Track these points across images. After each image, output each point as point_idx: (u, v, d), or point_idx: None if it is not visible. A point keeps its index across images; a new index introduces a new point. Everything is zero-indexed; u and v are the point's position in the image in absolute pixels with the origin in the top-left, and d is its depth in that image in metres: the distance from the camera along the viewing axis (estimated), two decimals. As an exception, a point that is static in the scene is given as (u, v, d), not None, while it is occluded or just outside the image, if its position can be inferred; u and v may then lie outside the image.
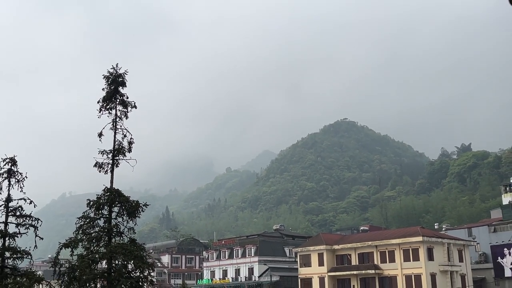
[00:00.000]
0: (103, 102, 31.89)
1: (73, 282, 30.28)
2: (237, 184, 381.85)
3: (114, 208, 31.67)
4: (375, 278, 76.05)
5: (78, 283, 30.35)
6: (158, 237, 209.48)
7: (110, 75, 32.12)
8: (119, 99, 32.03)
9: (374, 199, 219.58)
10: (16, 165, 30.23)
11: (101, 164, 31.47)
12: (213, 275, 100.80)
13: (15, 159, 30.31)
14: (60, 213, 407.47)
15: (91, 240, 31.21)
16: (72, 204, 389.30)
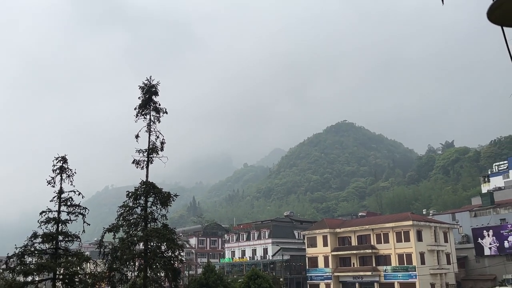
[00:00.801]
0: (139, 109, 32.16)
1: (115, 261, 30.56)
2: (252, 177, 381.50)
3: (149, 198, 31.92)
4: (372, 256, 75.76)
5: (119, 261, 30.63)
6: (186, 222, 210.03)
7: (145, 86, 32.37)
8: (153, 106, 32.27)
9: (370, 189, 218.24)
10: (67, 163, 30.48)
11: (138, 161, 31.75)
12: (233, 254, 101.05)
13: (66, 158, 30.60)
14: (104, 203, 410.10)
15: (130, 226, 31.48)
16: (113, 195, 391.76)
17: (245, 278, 40.81)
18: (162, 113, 32.55)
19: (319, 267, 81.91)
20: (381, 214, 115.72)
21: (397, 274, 72.19)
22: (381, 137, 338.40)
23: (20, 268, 28.80)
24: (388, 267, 73.37)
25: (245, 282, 39.06)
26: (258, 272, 40.58)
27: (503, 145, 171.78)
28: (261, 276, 39.64)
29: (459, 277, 77.40)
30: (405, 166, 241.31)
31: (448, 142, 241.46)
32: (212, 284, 33.88)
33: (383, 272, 73.84)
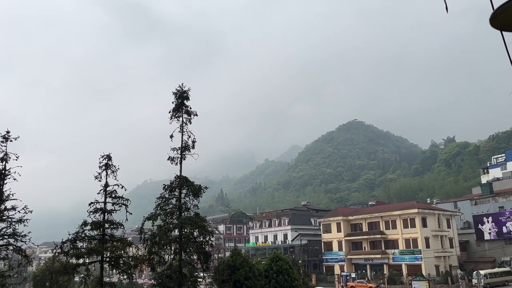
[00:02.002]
0: (173, 112, 32.41)
1: (154, 245, 30.90)
2: (273, 171, 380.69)
3: (183, 190, 32.14)
4: (381, 241, 75.02)
5: (157, 246, 30.96)
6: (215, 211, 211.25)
7: (177, 91, 32.62)
8: (185, 109, 32.47)
9: (379, 181, 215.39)
10: (111, 160, 30.87)
11: (173, 158, 31.99)
12: (257, 239, 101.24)
13: (110, 156, 31.01)
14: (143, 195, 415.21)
15: (167, 214, 31.77)
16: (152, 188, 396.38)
17: (267, 260, 40.74)
18: (193, 116, 32.73)
19: (333, 250, 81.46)
20: (389, 203, 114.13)
21: (404, 257, 71.28)
22: (388, 134, 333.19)
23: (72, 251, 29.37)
24: (396, 250, 72.49)
25: (267, 264, 39.00)
26: (279, 255, 40.44)
27: (501, 139, 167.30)
28: (282, 258, 39.50)
29: (461, 260, 75.98)
30: (411, 159, 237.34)
31: (449, 138, 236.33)
32: (239, 265, 33.94)
33: (391, 255, 73.01)
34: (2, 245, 25.44)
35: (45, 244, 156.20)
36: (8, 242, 25.54)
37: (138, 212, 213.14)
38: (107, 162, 30.54)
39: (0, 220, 25.14)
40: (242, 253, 37.50)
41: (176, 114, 32.32)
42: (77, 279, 53.36)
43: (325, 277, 79.30)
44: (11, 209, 25.28)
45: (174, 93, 32.56)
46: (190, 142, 31.98)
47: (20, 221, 25.43)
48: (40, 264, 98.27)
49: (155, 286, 32.29)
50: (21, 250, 26.03)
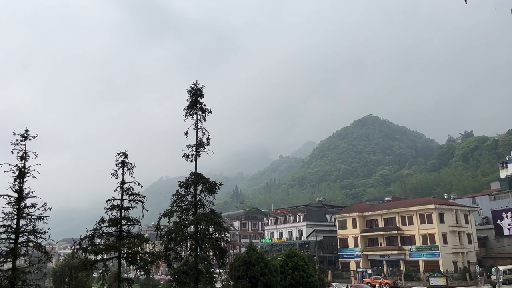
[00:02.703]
0: (187, 109, 32.57)
1: (170, 242, 31.19)
2: (287, 167, 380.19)
3: (198, 187, 32.33)
4: (397, 237, 74.42)
5: (174, 242, 31.25)
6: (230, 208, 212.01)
7: (192, 89, 32.77)
8: (199, 107, 32.61)
9: (395, 176, 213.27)
10: (127, 157, 31.15)
11: (188, 155, 32.20)
12: (272, 235, 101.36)
13: (126, 153, 31.31)
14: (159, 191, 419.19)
15: (182, 211, 32.01)
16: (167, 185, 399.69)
17: (283, 256, 40.77)
18: (207, 113, 32.84)
19: (349, 246, 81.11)
20: (406, 198, 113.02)
21: (421, 253, 70.59)
22: (404, 129, 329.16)
23: (91, 248, 29.84)
24: (413, 246, 71.83)
25: (283, 260, 39.03)
26: (294, 251, 40.43)
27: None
28: (297, 254, 39.47)
29: (480, 256, 74.90)
30: (427, 155, 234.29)
31: (467, 132, 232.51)
32: (254, 261, 34.04)
33: (408, 251, 72.38)
34: (23, 242, 25.98)
35: (64, 240, 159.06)
36: (28, 238, 26.07)
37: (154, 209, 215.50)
38: (123, 159, 30.89)
39: (21, 217, 25.65)
40: (258, 249, 37.60)
41: (190, 111, 32.48)
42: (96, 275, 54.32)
43: (340, 273, 79.03)
44: (31, 206, 25.78)
45: (189, 91, 32.72)
46: (204, 139, 32.13)
47: (39, 218, 25.92)
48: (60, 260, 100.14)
49: (171, 282, 32.64)
50: (41, 246, 26.54)
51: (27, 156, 26.13)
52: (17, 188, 25.74)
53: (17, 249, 25.45)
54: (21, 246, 25.89)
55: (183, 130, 31.84)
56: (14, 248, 25.35)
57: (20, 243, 25.79)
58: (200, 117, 32.47)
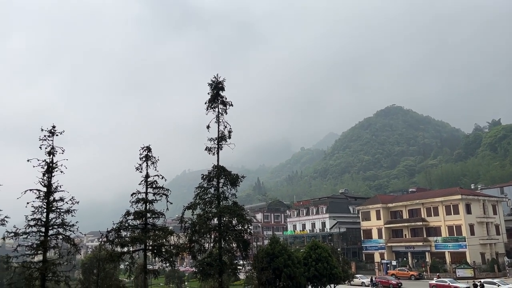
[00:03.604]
0: (208, 103, 32.76)
1: (194, 234, 31.60)
2: (309, 159, 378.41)
3: (220, 180, 32.57)
4: (422, 228, 73.42)
5: (198, 234, 31.65)
6: (253, 200, 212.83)
7: (213, 82, 32.93)
8: (220, 100, 32.74)
9: (419, 167, 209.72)
10: (151, 151, 31.62)
11: (210, 148, 32.44)
12: (295, 228, 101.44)
13: (150, 147, 31.78)
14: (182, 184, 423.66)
15: (206, 203, 32.35)
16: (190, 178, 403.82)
17: (306, 248, 40.78)
18: (229, 106, 32.94)
19: (373, 238, 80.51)
20: (431, 189, 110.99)
21: (447, 244, 69.47)
22: (429, 119, 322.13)
23: (117, 240, 30.53)
24: (439, 238, 70.74)
25: (306, 252, 39.04)
26: (317, 243, 40.37)
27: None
28: (320, 246, 39.41)
29: (509, 247, 73.10)
30: (453, 144, 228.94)
31: (494, 121, 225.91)
32: (277, 253, 34.16)
33: (433, 242, 71.35)
34: (52, 235, 26.76)
35: (91, 233, 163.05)
36: (57, 231, 26.84)
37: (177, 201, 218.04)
38: (147, 153, 31.39)
39: (50, 211, 26.41)
40: (281, 241, 37.70)
41: (212, 105, 32.65)
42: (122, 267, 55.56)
43: (364, 265, 78.56)
44: (59, 200, 26.49)
45: (210, 84, 32.87)
46: (226, 132, 32.29)
47: (68, 211, 26.63)
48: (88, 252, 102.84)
49: (196, 273, 33.13)
50: (70, 239, 27.29)
51: (55, 151, 26.81)
52: (45, 182, 26.48)
53: (47, 242, 26.25)
54: (51, 239, 26.69)
55: (205, 124, 32.09)
56: (45, 240, 26.16)
57: (50, 236, 26.58)
58: (221, 110, 32.62)
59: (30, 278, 25.37)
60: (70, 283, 27.58)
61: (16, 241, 26.53)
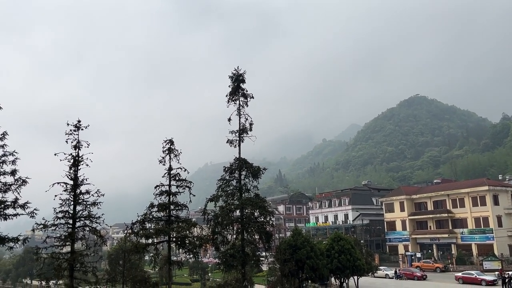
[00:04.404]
0: (229, 96, 32.79)
1: (217, 225, 31.88)
2: (331, 151, 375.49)
3: (242, 172, 32.69)
4: (448, 220, 72.16)
5: (220, 226, 31.92)
6: (274, 192, 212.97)
7: (233, 75, 32.92)
8: (241, 92, 32.72)
9: (444, 158, 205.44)
10: (174, 144, 31.90)
11: (231, 141, 32.54)
12: (317, 220, 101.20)
13: (173, 140, 32.07)
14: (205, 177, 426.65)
15: (228, 196, 32.55)
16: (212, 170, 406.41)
17: (329, 240, 40.65)
18: (249, 98, 32.89)
19: (397, 230, 79.65)
20: (456, 180, 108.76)
21: (474, 236, 68.13)
22: (454, 108, 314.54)
23: (142, 232, 31.09)
24: (465, 229, 69.42)
25: (329, 244, 38.93)
26: (340, 235, 40.20)
27: None
28: (343, 238, 39.23)
29: (538, 239, 71.04)
30: (479, 134, 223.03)
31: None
32: (300, 245, 34.17)
33: (459, 234, 70.09)
34: (80, 226, 27.44)
35: (117, 225, 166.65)
36: (84, 223, 27.49)
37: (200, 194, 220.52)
38: (170, 146, 31.71)
39: (77, 203, 27.05)
40: (303, 233, 37.67)
41: (233, 97, 32.67)
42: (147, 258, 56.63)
43: (388, 257, 77.83)
44: (85, 193, 27.08)
45: (230, 77, 32.88)
46: (247, 124, 32.29)
47: (94, 204, 27.21)
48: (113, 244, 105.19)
49: (219, 265, 33.46)
50: (96, 230, 27.93)
51: (80, 145, 27.38)
52: (72, 175, 27.10)
53: (74, 233, 26.94)
54: (78, 231, 27.37)
55: (226, 116, 32.18)
56: (72, 232, 26.85)
57: (77, 227, 27.26)
58: (242, 103, 32.60)
59: (59, 269, 26.13)
60: (97, 273, 28.28)
61: (45, 233, 27.35)
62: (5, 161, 24.05)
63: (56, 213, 26.53)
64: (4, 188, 24.03)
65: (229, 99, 32.67)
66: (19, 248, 32.14)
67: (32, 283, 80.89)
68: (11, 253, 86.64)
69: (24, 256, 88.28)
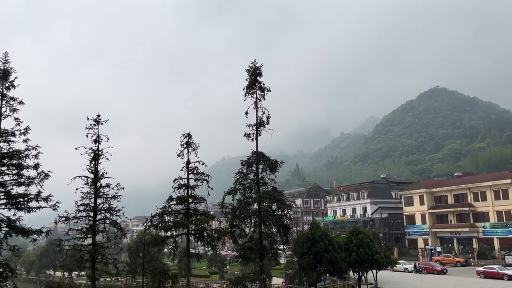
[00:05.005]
0: (246, 89, 32.77)
1: (235, 218, 32.06)
2: (349, 144, 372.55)
3: (259, 166, 32.72)
4: (469, 214, 70.97)
5: (238, 219, 32.08)
6: (292, 186, 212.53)
7: (250, 68, 32.87)
8: (258, 86, 32.66)
9: (465, 151, 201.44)
10: (191, 138, 32.16)
11: (248, 134, 32.57)
12: (335, 213, 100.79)
13: (190, 134, 32.32)
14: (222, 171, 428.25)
15: (245, 189, 32.65)
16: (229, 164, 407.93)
17: (347, 233, 40.46)
18: (267, 92, 32.79)
19: (416, 223, 78.76)
20: (477, 173, 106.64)
21: (496, 230, 66.87)
22: (476, 100, 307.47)
23: (161, 225, 31.55)
24: (487, 223, 68.18)
25: (347, 237, 38.75)
26: (359, 228, 39.95)
27: None
28: (362, 232, 38.98)
29: None
30: (502, 126, 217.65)
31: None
32: (318, 238, 34.11)
33: (481, 228, 68.89)
34: (100, 219, 27.99)
35: (136, 218, 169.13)
36: (105, 216, 28.03)
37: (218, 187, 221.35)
38: (188, 140, 31.98)
39: (98, 196, 27.58)
40: (321, 226, 37.58)
41: (250, 91, 32.65)
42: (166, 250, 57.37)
43: (407, 250, 77.08)
44: (105, 186, 27.57)
45: (247, 70, 32.83)
46: (264, 118, 32.24)
47: (114, 197, 27.69)
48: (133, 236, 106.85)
49: (237, 257, 33.70)
50: (117, 223, 28.44)
51: (100, 139, 27.84)
52: (92, 169, 27.61)
53: (95, 226, 27.50)
54: (99, 223, 27.94)
55: (243, 110, 32.22)
56: (93, 225, 27.42)
57: (98, 220, 27.83)
58: (259, 96, 32.54)
59: (81, 260, 26.76)
60: (117, 265, 28.83)
61: (67, 225, 27.96)
62: (28, 155, 24.58)
63: (77, 206, 27.11)
64: (28, 182, 24.59)
65: (246, 92, 32.64)
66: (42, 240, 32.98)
67: (55, 274, 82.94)
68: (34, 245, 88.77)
69: (47, 248, 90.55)
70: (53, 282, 30.45)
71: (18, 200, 24.10)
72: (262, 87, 32.65)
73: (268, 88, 32.75)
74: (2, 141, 24.26)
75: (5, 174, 24.27)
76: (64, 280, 31.54)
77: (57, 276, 69.17)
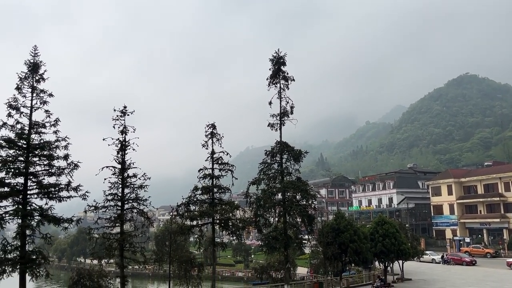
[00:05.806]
0: (270, 79, 32.66)
1: (259, 208, 32.22)
2: (374, 133, 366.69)
3: (283, 156, 32.72)
4: (499, 204, 69.12)
5: (263, 209, 32.24)
6: (316, 176, 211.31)
7: (274, 58, 32.71)
8: (282, 75, 32.50)
9: (496, 139, 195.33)
10: (216, 129, 32.33)
11: (272, 124, 32.55)
12: (360, 203, 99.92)
13: (215, 125, 32.49)
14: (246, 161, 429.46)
15: (270, 179, 32.74)
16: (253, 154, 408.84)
17: (372, 223, 40.10)
18: (290, 81, 32.62)
19: (444, 214, 77.32)
20: (509, 163, 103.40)
21: (528, 221, 64.92)
22: (507, 87, 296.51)
23: (187, 214, 32.01)
24: (518, 214, 66.26)
25: (373, 227, 38.40)
26: (385, 219, 39.50)
27: None
28: (387, 222, 38.54)
29: None
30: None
31: None
32: (343, 228, 33.96)
33: (512, 219, 67.00)
34: (128, 208, 28.66)
35: (163, 207, 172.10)
36: (132, 205, 28.68)
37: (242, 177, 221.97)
38: (212, 131, 32.19)
39: (125, 186, 28.21)
40: (346, 216, 37.36)
41: (273, 80, 32.54)
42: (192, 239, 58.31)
43: (435, 241, 75.81)
44: (132, 176, 28.16)
45: (271, 60, 32.67)
46: (288, 107, 32.14)
47: (141, 187, 28.27)
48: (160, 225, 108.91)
49: (262, 247, 33.92)
50: (144, 212, 29.06)
51: (127, 130, 28.38)
52: (120, 160, 28.21)
53: (123, 215, 28.17)
54: (126, 212, 28.62)
55: (267, 99, 32.13)
56: (121, 214, 28.09)
57: (125, 209, 28.49)
58: (283, 86, 32.40)
59: (110, 248, 27.53)
60: (145, 253, 29.50)
61: (96, 214, 28.76)
62: (58, 146, 25.28)
63: (105, 195, 27.82)
64: (58, 172, 25.34)
65: (270, 82, 32.55)
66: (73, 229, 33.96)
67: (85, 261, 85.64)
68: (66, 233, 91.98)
69: (78, 236, 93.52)
70: (83, 269, 31.44)
71: (50, 189, 24.87)
72: (285, 76, 32.48)
73: (292, 78, 32.56)
74: (34, 132, 25.02)
75: (37, 165, 25.06)
76: (94, 267, 32.54)
77: (87, 264, 71.41)
